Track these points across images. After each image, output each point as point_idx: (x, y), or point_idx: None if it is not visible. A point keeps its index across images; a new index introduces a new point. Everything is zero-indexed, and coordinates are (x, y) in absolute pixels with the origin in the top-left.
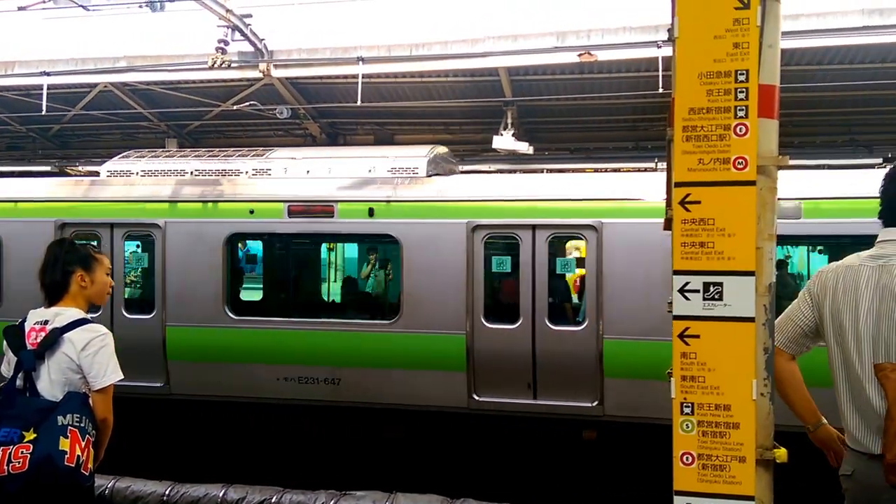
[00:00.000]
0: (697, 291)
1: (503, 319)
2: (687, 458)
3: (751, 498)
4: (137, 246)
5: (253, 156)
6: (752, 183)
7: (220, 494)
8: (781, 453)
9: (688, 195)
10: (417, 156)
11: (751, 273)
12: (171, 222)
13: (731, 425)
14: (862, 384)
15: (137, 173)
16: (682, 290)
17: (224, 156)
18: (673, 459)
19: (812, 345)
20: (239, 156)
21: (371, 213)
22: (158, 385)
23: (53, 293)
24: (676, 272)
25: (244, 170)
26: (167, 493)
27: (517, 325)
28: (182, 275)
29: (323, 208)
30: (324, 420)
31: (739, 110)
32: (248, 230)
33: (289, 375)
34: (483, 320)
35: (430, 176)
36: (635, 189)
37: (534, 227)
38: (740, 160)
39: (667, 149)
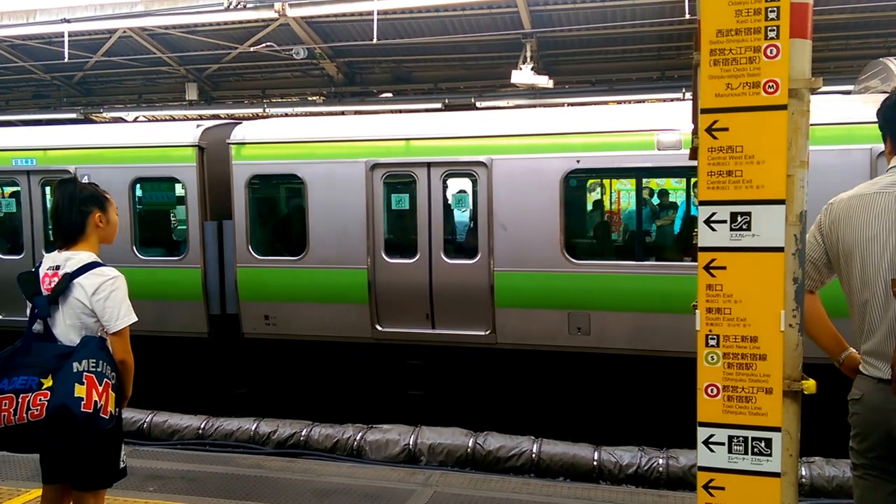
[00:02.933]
0: (724, 222)
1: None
2: (711, 390)
3: (777, 429)
4: None
5: None
6: (784, 107)
7: (253, 428)
8: (810, 384)
9: (715, 122)
10: None
11: (781, 202)
12: None
13: (757, 357)
14: (876, 310)
15: None
16: (707, 221)
17: None
18: (697, 391)
19: (828, 278)
20: None
21: None
22: None
23: (69, 236)
24: (702, 202)
25: None
26: (202, 426)
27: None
28: None
29: None
30: None
31: (770, 31)
32: None
33: None
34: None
35: None
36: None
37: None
38: (771, 83)
39: (693, 74)
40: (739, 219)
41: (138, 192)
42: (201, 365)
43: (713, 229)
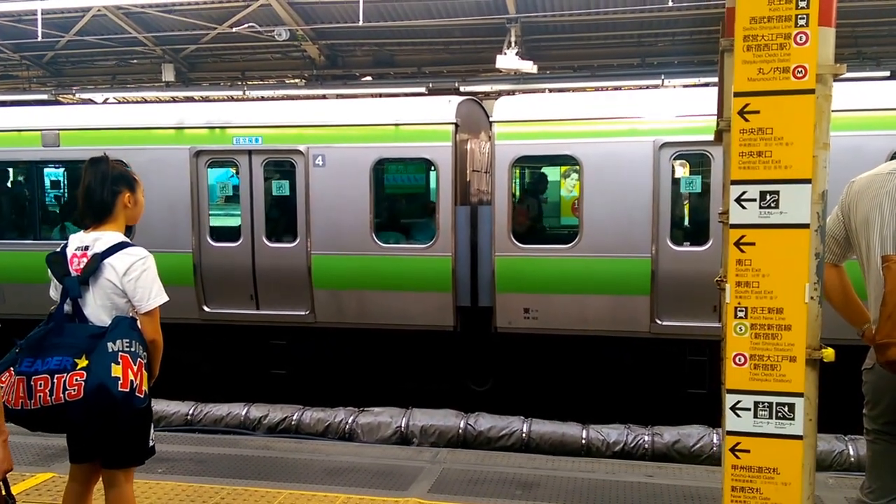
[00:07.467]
0: (754, 200)
1: None
2: (739, 359)
3: (800, 395)
4: None
5: None
6: (812, 91)
7: (243, 413)
8: (829, 353)
9: (747, 105)
10: None
11: (808, 181)
12: None
13: (783, 327)
14: (873, 287)
15: None
16: (738, 200)
17: None
18: (725, 360)
19: (848, 252)
20: None
21: None
22: None
23: (97, 215)
24: (734, 182)
25: None
26: (191, 412)
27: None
28: None
29: None
30: None
31: (800, 19)
32: None
33: None
34: None
35: None
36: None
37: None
38: (800, 69)
39: (719, 59)
40: (768, 197)
41: (379, 174)
42: (442, 360)
43: (743, 207)
